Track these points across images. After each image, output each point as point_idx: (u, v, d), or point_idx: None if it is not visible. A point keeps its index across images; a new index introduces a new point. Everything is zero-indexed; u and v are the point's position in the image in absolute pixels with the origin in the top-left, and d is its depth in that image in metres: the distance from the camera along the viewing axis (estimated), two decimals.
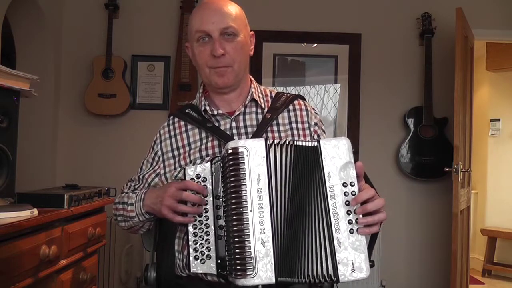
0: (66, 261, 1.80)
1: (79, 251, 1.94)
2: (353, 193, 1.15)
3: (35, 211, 1.56)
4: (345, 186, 1.16)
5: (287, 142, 1.19)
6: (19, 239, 1.48)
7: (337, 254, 1.13)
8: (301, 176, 1.17)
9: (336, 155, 1.17)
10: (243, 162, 1.16)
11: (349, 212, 1.15)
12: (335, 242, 1.13)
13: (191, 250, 1.21)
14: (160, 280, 1.42)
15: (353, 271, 1.13)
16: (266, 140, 1.19)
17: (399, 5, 3.50)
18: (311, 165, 1.18)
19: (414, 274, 3.45)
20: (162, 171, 1.44)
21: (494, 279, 4.59)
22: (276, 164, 1.18)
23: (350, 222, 1.14)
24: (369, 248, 1.18)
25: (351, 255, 1.13)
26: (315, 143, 1.19)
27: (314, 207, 1.16)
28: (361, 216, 1.15)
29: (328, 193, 1.15)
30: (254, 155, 1.17)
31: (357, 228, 1.14)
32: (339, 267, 1.13)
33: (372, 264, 1.17)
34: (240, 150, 1.17)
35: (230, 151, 1.18)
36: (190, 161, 1.38)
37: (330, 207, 1.15)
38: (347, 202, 1.15)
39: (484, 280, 4.56)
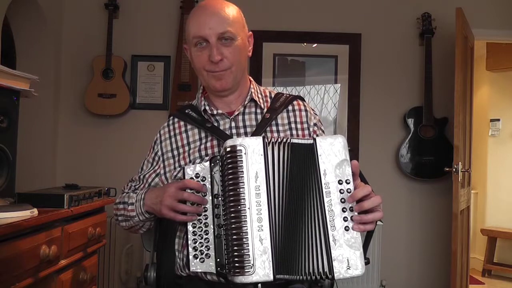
0: (66, 261, 1.81)
1: (79, 251, 1.94)
2: (349, 190, 1.16)
3: (35, 211, 1.56)
4: (341, 184, 1.16)
5: (284, 140, 1.20)
6: (19, 239, 1.47)
7: (332, 251, 1.13)
8: (298, 173, 1.18)
9: (331, 152, 1.18)
10: (241, 160, 1.17)
11: (344, 209, 1.15)
12: (331, 239, 1.14)
13: (190, 249, 1.22)
14: (160, 280, 1.42)
15: (348, 268, 1.13)
16: (264, 138, 1.19)
17: (399, 5, 3.50)
18: (307, 163, 1.18)
19: (414, 274, 3.45)
20: (162, 171, 1.44)
21: (494, 279, 4.59)
22: (274, 162, 1.18)
23: (345, 219, 1.15)
24: (365, 245, 1.18)
25: (346, 252, 1.13)
26: (311, 141, 1.20)
27: (311, 204, 1.16)
28: (356, 213, 1.14)
29: (324, 190, 1.16)
30: (252, 153, 1.17)
31: (352, 225, 1.14)
32: (335, 264, 1.13)
33: (367, 262, 1.17)
34: (238, 148, 1.17)
35: (228, 149, 1.18)
36: (190, 161, 1.38)
37: (326, 204, 1.15)
38: (342, 200, 1.15)
39: (484, 280, 4.56)
